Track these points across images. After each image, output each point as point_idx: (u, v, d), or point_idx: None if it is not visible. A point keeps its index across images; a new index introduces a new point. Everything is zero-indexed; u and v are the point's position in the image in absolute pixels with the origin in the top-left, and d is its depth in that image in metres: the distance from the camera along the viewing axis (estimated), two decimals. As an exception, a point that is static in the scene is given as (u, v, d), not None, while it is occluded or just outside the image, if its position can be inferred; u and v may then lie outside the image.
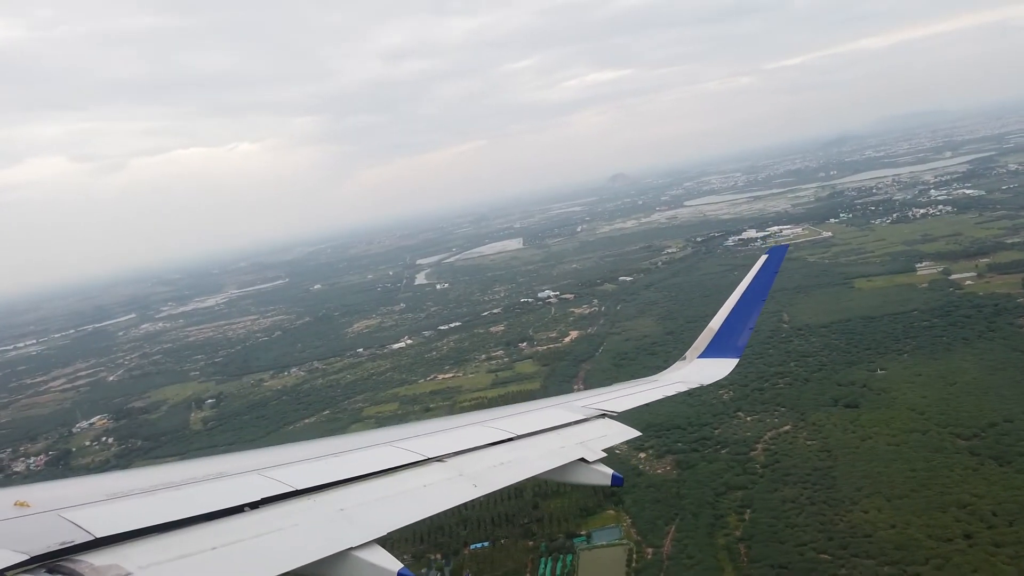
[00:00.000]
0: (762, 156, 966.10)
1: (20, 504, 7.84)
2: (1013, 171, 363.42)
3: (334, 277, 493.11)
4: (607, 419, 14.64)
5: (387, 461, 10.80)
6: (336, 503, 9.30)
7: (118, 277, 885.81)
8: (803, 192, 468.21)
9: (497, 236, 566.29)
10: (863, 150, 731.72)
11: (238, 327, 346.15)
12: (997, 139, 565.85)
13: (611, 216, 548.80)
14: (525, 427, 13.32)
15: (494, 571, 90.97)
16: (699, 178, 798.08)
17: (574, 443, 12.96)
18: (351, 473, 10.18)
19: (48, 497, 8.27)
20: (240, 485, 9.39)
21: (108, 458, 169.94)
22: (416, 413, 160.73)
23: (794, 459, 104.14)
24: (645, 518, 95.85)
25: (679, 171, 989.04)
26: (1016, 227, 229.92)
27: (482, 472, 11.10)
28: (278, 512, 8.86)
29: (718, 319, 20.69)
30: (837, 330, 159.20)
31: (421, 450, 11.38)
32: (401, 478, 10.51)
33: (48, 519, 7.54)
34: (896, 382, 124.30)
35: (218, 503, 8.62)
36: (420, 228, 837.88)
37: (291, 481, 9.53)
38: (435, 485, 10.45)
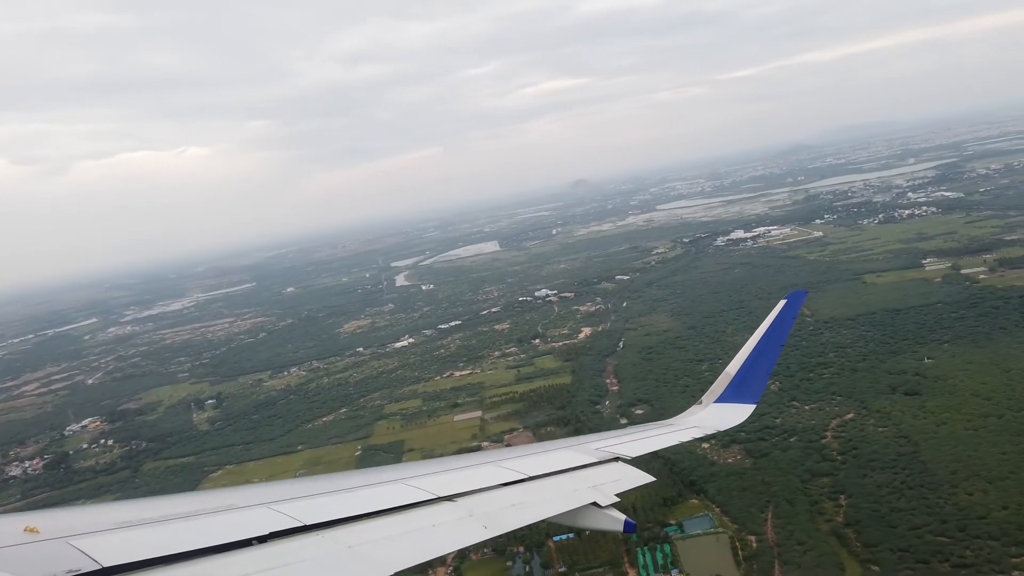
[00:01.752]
0: (721, 163, 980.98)
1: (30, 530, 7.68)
2: (983, 175, 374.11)
3: (305, 280, 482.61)
4: (620, 463, 14.26)
5: (397, 498, 10.58)
6: (345, 540, 9.15)
7: (67, 282, 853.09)
8: (776, 196, 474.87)
9: (470, 239, 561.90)
10: (823, 157, 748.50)
11: (216, 329, 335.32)
12: (954, 147, 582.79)
13: (584, 220, 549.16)
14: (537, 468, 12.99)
15: (588, 562, 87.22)
16: (663, 184, 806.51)
17: (587, 486, 12.72)
18: (361, 509, 9.99)
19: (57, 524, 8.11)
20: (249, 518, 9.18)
21: (113, 460, 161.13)
22: (443, 409, 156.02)
23: (872, 445, 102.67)
24: (736, 506, 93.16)
25: (640, 177, 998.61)
26: (1008, 226, 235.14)
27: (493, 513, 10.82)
28: (286, 547, 8.68)
29: (735, 364, 20.11)
30: (865, 322, 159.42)
31: (432, 488, 11.13)
32: (411, 516, 10.31)
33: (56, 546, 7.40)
34: (949, 370, 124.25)
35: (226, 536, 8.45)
36: (383, 233, 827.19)
37: (300, 516, 9.34)
38: (445, 525, 10.21)
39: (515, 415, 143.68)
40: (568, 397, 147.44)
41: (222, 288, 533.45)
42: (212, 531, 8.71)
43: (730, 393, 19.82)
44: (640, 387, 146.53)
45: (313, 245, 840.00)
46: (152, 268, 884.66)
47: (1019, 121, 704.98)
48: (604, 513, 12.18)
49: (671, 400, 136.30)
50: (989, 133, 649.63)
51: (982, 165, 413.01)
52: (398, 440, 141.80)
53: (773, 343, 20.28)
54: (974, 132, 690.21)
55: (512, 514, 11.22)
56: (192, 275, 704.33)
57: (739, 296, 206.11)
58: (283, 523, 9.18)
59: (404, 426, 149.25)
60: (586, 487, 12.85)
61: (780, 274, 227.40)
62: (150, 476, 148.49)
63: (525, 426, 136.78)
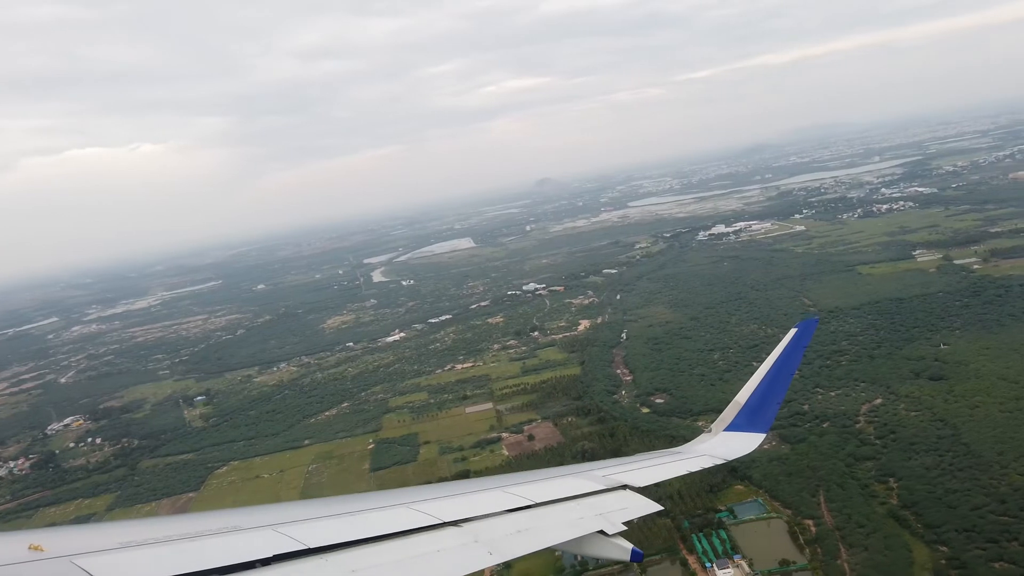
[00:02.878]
0: (683, 163, 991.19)
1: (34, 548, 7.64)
2: (951, 172, 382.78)
3: (274, 278, 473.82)
4: (628, 491, 14.11)
5: (402, 523, 10.52)
6: (348, 564, 9.05)
7: (19, 281, 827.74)
8: (748, 193, 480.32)
9: (442, 236, 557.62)
10: (786, 156, 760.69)
11: (190, 327, 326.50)
12: (915, 146, 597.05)
13: (556, 217, 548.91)
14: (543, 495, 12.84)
15: (644, 549, 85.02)
16: (629, 182, 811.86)
17: (593, 514, 12.59)
18: (365, 533, 9.91)
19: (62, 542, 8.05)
20: (253, 540, 9.08)
21: (106, 458, 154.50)
22: (452, 401, 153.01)
23: (909, 429, 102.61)
24: (785, 491, 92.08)
25: (604, 176, 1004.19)
26: (989, 219, 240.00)
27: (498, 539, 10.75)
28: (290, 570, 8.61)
29: (745, 392, 19.37)
30: (871, 311, 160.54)
31: (437, 513, 11.07)
32: (415, 541, 10.23)
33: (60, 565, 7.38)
34: (967, 355, 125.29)
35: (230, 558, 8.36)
36: (348, 231, 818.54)
37: (304, 539, 9.25)
38: (449, 551, 10.14)
39: (530, 406, 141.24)
40: (583, 388, 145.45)
41: (187, 286, 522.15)
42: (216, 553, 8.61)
43: (740, 421, 19.17)
44: (655, 377, 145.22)
45: (275, 244, 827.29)
46: (108, 267, 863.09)
47: (973, 122, 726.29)
48: (610, 542, 12.04)
49: (690, 389, 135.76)
50: (946, 133, 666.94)
51: (948, 163, 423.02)
52: (411, 433, 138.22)
53: (784, 372, 19.56)
54: (931, 132, 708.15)
55: (518, 541, 11.07)
56: (153, 274, 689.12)
57: (735, 288, 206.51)
58: (287, 546, 9.08)
59: (415, 419, 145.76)
60: (593, 515, 12.67)
61: (771, 266, 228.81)
62: (149, 474, 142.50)
63: (544, 417, 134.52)
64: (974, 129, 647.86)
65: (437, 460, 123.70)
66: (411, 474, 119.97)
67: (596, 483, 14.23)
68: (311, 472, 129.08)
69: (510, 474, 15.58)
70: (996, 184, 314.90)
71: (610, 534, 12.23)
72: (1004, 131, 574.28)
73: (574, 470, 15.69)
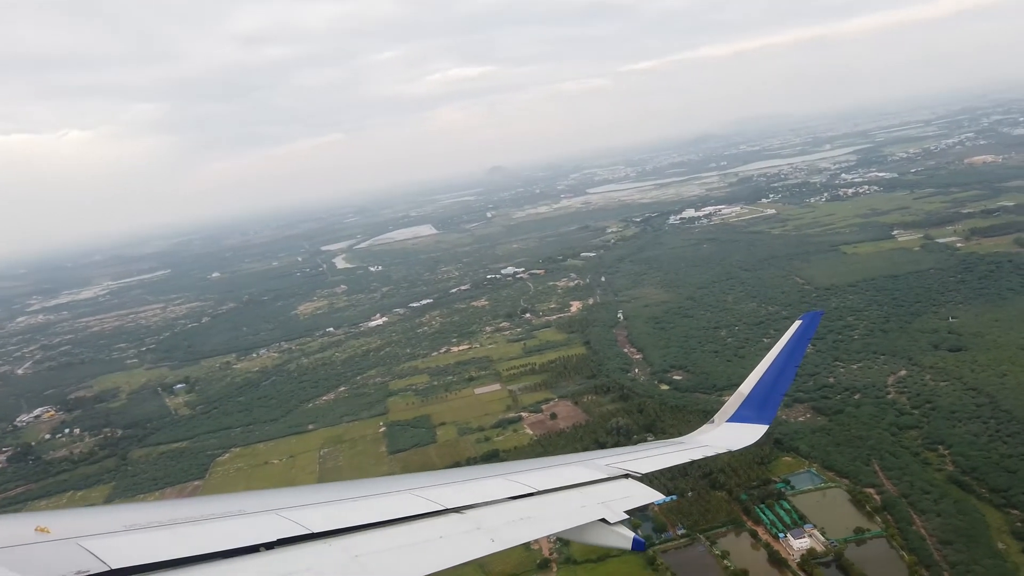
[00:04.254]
0: (632, 152, 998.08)
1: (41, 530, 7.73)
2: (906, 158, 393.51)
3: (228, 266, 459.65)
4: (630, 480, 14.09)
5: (405, 509, 10.56)
6: (351, 549, 9.08)
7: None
8: (707, 179, 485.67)
9: (399, 224, 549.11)
10: (735, 145, 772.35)
11: (148, 315, 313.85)
12: (861, 135, 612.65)
13: (515, 204, 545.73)
14: (546, 483, 12.85)
15: (707, 522, 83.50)
16: (581, 171, 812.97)
17: (596, 503, 12.62)
18: (368, 519, 9.91)
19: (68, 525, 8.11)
20: (257, 524, 9.12)
21: (90, 449, 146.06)
22: (458, 383, 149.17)
23: (944, 398, 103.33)
24: (838, 461, 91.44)
25: (555, 165, 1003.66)
26: (956, 201, 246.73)
27: (500, 527, 10.82)
28: (292, 555, 8.61)
29: (748, 384, 19.28)
30: (868, 288, 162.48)
31: (440, 500, 11.08)
32: (418, 527, 10.25)
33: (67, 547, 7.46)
34: (979, 327, 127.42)
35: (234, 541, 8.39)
36: (295, 219, 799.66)
37: (308, 523, 9.26)
38: (452, 537, 10.17)
39: (543, 386, 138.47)
40: (595, 366, 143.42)
41: (133, 276, 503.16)
42: (220, 536, 8.57)
43: (743, 413, 18.99)
44: (667, 355, 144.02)
45: (219, 233, 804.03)
46: (41, 257, 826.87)
47: (912, 113, 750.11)
48: (612, 530, 12.01)
49: (706, 365, 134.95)
50: (889, 123, 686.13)
51: (900, 150, 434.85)
52: (422, 415, 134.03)
53: (788, 363, 19.50)
54: (874, 123, 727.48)
55: (520, 528, 11.12)
56: (91, 264, 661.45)
57: (723, 268, 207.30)
58: (291, 530, 9.06)
59: (423, 401, 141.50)
60: (595, 503, 12.66)
61: (753, 247, 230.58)
62: (143, 463, 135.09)
63: (560, 396, 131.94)
64: (916, 119, 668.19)
65: (458, 441, 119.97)
66: (434, 455, 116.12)
67: (599, 472, 14.12)
68: (324, 456, 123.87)
69: (512, 462, 15.37)
70: (954, 169, 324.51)
71: (612, 522, 12.14)
72: (944, 121, 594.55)
73: (577, 459, 15.56)
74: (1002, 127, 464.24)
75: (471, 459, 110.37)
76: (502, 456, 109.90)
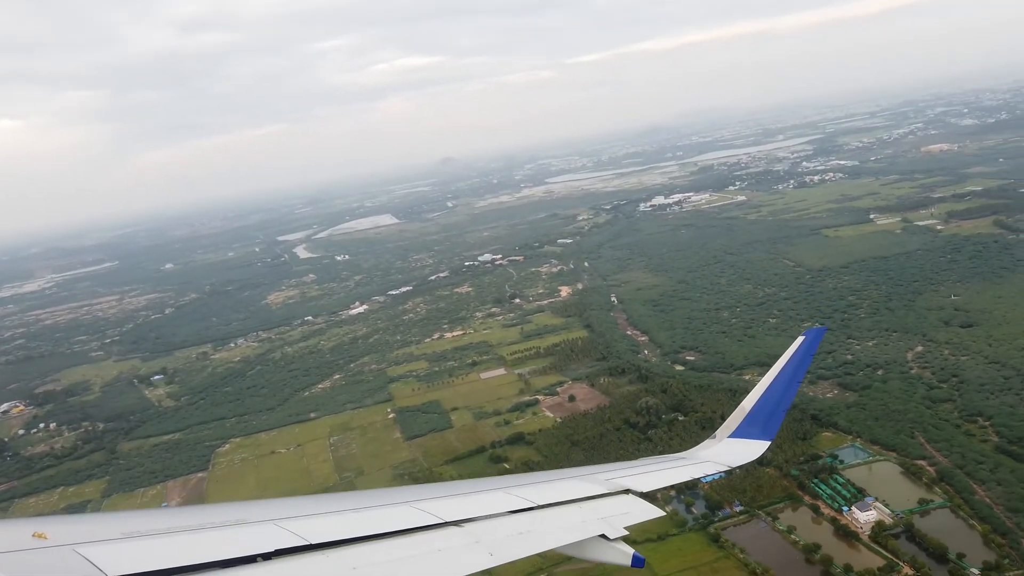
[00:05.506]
0: (583, 143, 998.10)
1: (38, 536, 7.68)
2: (861, 147, 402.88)
3: (180, 257, 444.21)
4: (631, 496, 13.99)
5: (404, 521, 10.50)
6: (349, 561, 9.03)
7: None
8: (666, 168, 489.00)
9: (357, 214, 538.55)
10: (687, 137, 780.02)
11: (104, 307, 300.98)
12: (811, 126, 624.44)
13: (475, 193, 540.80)
14: (546, 497, 12.81)
15: (763, 498, 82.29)
16: (536, 161, 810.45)
17: (596, 518, 12.56)
18: (367, 531, 9.85)
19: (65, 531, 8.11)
20: (255, 534, 9.06)
21: (72, 444, 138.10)
22: (460, 368, 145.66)
23: (969, 372, 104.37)
24: (881, 435, 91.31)
25: (508, 156, 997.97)
26: (924, 186, 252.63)
27: (499, 541, 10.75)
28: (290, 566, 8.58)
29: (751, 399, 19.17)
30: (861, 269, 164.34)
31: (439, 513, 11.02)
32: (417, 540, 10.21)
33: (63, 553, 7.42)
34: (984, 304, 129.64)
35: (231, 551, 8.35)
36: (242, 211, 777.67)
37: (306, 534, 9.20)
38: (450, 550, 10.14)
39: (552, 369, 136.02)
40: (604, 349, 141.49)
41: (77, 268, 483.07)
42: (218, 546, 8.51)
43: (745, 428, 18.82)
44: (674, 336, 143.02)
45: (164, 224, 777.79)
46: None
47: (856, 105, 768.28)
48: (612, 546, 11.86)
49: (719, 345, 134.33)
50: (836, 115, 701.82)
51: (854, 140, 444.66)
52: (430, 401, 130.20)
53: (790, 379, 19.35)
54: (820, 115, 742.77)
55: (519, 543, 11.00)
56: (29, 257, 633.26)
57: (707, 253, 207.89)
58: (289, 541, 8.97)
59: (429, 387, 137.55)
60: (595, 519, 12.54)
61: (732, 232, 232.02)
62: (137, 457, 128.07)
63: (573, 378, 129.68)
64: (860, 112, 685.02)
65: (476, 426, 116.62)
66: (453, 440, 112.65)
67: (599, 487, 13.97)
68: (335, 444, 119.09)
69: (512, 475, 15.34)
70: (913, 157, 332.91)
71: (612, 538, 11.94)
72: (889, 113, 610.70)
73: (576, 473, 15.45)
74: (948, 118, 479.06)
75: (495, 443, 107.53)
76: (527, 439, 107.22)
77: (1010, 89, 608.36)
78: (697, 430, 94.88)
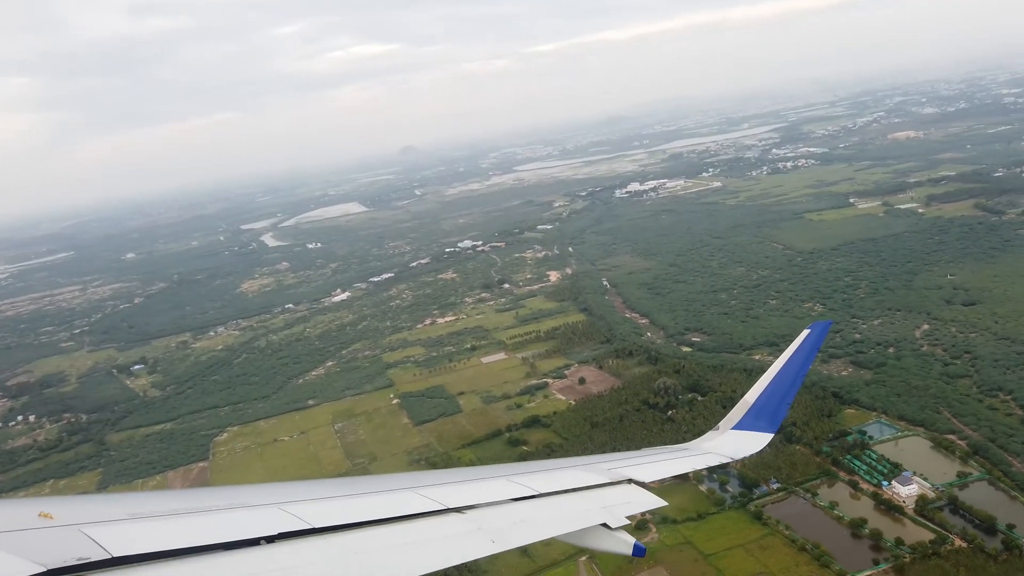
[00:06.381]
0: (545, 133, 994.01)
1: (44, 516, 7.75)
2: (826, 135, 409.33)
3: (140, 247, 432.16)
4: (633, 485, 14.09)
5: (407, 507, 10.58)
6: (352, 545, 9.13)
7: None
8: (635, 156, 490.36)
9: (322, 202, 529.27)
10: (650, 126, 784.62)
11: (67, 297, 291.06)
12: (773, 116, 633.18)
13: (443, 182, 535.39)
14: (548, 486, 12.92)
15: (798, 475, 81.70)
16: (500, 150, 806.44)
17: (597, 507, 12.69)
18: (370, 516, 9.89)
19: (71, 511, 8.18)
20: (259, 517, 9.13)
21: (57, 436, 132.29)
22: (459, 353, 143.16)
23: (980, 349, 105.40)
24: (906, 410, 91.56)
25: (470, 145, 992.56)
26: (898, 172, 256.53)
27: (501, 528, 10.85)
28: (293, 549, 8.64)
29: (754, 391, 19.34)
30: (852, 251, 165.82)
31: (442, 499, 11.10)
32: (419, 526, 10.29)
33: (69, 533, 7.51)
34: (982, 283, 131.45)
35: (235, 534, 8.45)
36: (199, 201, 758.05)
37: (309, 518, 9.27)
38: (452, 537, 10.24)
39: (555, 352, 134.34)
40: (606, 331, 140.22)
41: (31, 259, 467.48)
42: (222, 528, 8.57)
43: (748, 420, 18.85)
44: (676, 318, 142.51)
45: (117, 214, 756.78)
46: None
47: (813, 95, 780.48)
48: (613, 535, 11.93)
49: (722, 327, 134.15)
50: (794, 105, 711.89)
51: (819, 128, 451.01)
52: (433, 386, 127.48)
53: (795, 372, 19.33)
54: (780, 104, 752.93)
55: (520, 530, 11.06)
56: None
57: (693, 237, 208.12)
58: (292, 524, 9.00)
59: (430, 372, 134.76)
60: (597, 508, 12.61)
61: (714, 217, 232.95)
62: (129, 447, 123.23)
63: (580, 361, 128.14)
64: (819, 101, 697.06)
65: (486, 410, 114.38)
66: (465, 424, 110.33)
67: (601, 476, 13.99)
68: (341, 431, 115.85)
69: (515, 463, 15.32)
70: (881, 144, 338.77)
71: (613, 527, 11.99)
72: (849, 102, 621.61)
73: (579, 462, 15.35)
74: (909, 107, 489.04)
75: (511, 426, 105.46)
76: (543, 422, 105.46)
77: (964, 80, 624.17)
78: (719, 409, 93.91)
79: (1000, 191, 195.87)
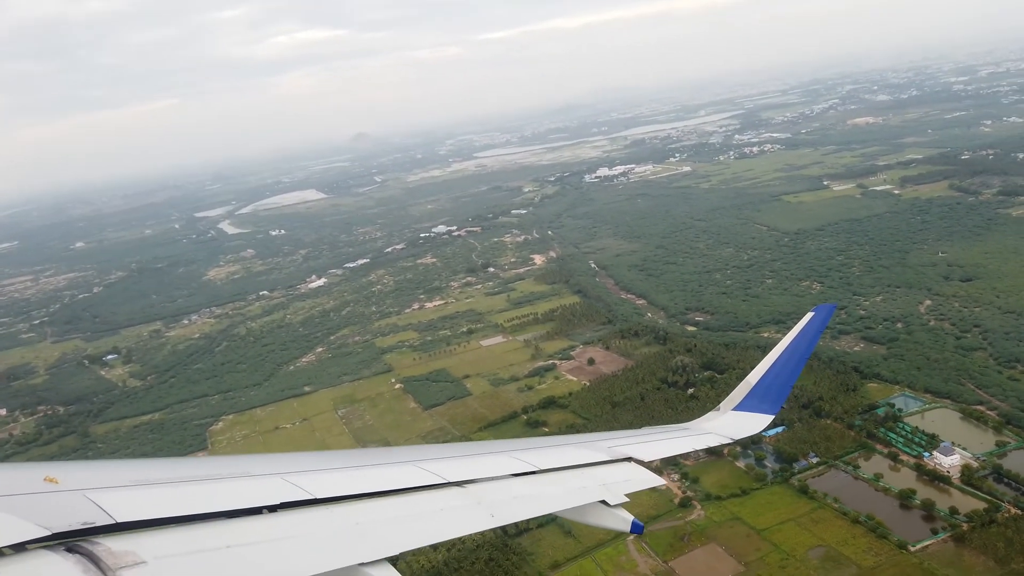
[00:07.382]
0: (500, 120, 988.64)
1: (49, 480, 7.83)
2: (785, 121, 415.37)
3: (89, 236, 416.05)
4: (632, 463, 14.39)
5: (407, 480, 10.73)
6: (353, 516, 9.24)
7: None
8: (597, 143, 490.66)
9: (275, 190, 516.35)
10: (606, 113, 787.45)
11: (19, 288, 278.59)
12: (728, 103, 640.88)
13: (402, 169, 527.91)
14: (548, 462, 13.13)
15: (836, 449, 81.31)
16: (456, 137, 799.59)
17: (596, 484, 12.93)
18: (371, 488, 10.03)
19: (77, 476, 8.23)
20: (261, 487, 9.22)
21: (35, 429, 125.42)
22: (455, 337, 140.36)
23: (988, 322, 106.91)
24: (929, 383, 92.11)
25: (424, 132, 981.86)
26: (865, 156, 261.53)
27: (500, 503, 11.04)
28: (295, 519, 8.75)
29: (756, 373, 19.49)
30: (837, 231, 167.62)
31: (442, 473, 11.24)
32: (419, 499, 10.44)
33: (74, 498, 7.55)
34: (974, 260, 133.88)
35: (238, 502, 8.53)
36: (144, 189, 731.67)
37: (311, 489, 9.39)
38: (452, 511, 10.39)
39: (557, 334, 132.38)
40: (607, 313, 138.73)
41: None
42: (225, 496, 8.65)
43: (749, 402, 18.88)
44: (675, 298, 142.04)
45: (58, 203, 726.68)
46: None
47: (766, 83, 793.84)
48: (612, 512, 12.07)
49: (724, 306, 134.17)
50: (748, 92, 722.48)
51: (777, 114, 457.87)
52: (436, 370, 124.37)
53: (798, 355, 19.45)
54: (733, 92, 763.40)
55: (520, 505, 11.26)
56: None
57: (674, 219, 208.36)
58: (294, 494, 9.09)
59: (430, 356, 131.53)
60: (596, 485, 12.78)
61: (690, 200, 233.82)
62: (117, 439, 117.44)
63: (584, 342, 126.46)
64: (772, 89, 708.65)
65: (496, 392, 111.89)
66: (477, 407, 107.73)
67: (601, 454, 14.10)
68: (345, 416, 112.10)
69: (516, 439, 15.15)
70: (842, 129, 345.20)
71: (612, 504, 12.11)
72: (800, 91, 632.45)
73: (579, 440, 15.64)
74: (862, 94, 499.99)
75: (527, 407, 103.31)
76: (559, 402, 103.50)
77: (910, 68, 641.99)
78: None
79: (972, 172, 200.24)
